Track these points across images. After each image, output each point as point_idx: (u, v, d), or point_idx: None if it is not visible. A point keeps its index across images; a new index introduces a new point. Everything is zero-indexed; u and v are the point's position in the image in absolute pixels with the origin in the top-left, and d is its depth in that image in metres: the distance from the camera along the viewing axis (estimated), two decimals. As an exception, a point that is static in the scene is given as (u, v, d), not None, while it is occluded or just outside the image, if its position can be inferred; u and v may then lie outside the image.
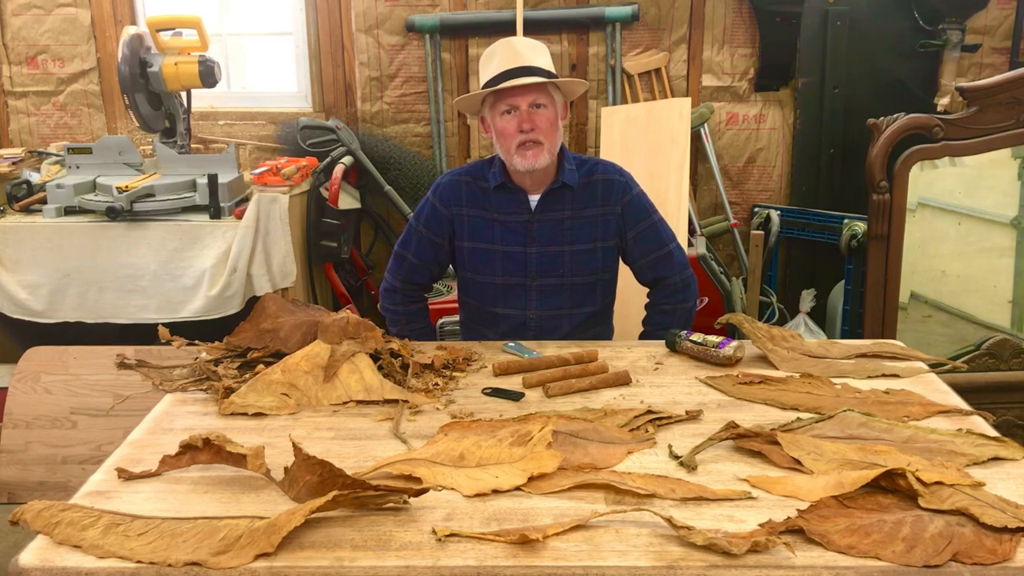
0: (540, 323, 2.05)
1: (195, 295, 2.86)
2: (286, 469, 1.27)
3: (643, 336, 2.13)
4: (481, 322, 2.12)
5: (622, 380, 1.70)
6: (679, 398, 1.63)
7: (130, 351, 2.51)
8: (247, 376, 1.67)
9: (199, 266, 2.85)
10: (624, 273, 2.20)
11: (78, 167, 3.09)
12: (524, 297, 2.05)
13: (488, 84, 1.95)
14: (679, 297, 2.10)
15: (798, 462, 1.32)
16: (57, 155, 3.34)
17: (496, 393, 1.66)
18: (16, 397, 2.77)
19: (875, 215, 2.73)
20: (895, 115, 2.70)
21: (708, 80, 3.66)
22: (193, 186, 2.93)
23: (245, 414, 1.56)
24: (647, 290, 2.17)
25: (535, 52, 1.96)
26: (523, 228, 2.03)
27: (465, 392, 1.67)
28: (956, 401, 1.59)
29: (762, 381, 1.67)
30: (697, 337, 1.84)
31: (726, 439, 1.40)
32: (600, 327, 2.13)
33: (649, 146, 3.04)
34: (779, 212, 3.61)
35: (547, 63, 1.97)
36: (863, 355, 1.82)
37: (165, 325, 1.81)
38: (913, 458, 1.30)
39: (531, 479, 1.27)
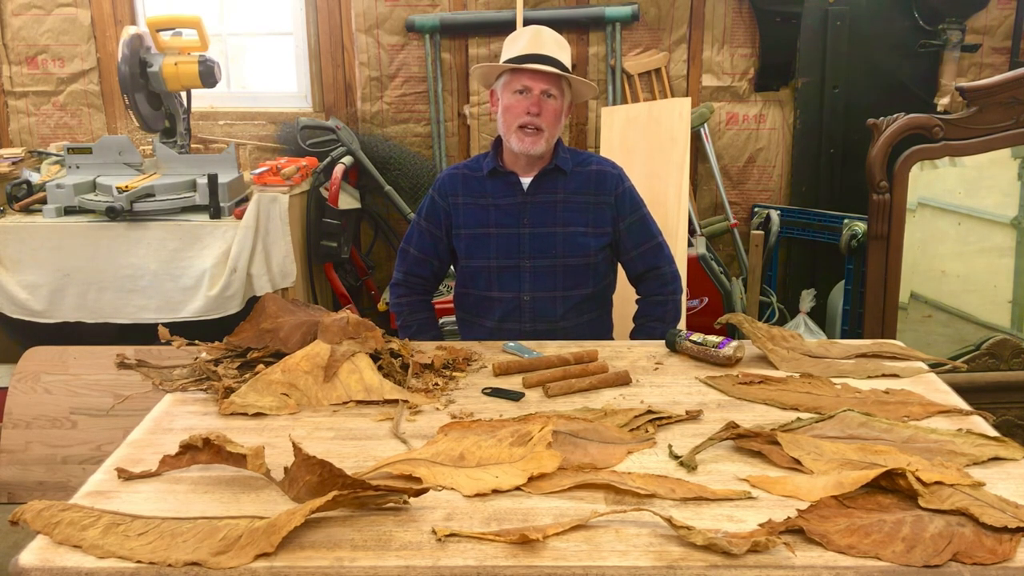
0: (534, 305, 2.09)
1: (195, 295, 2.86)
2: (286, 469, 1.27)
3: (636, 332, 2.16)
4: (477, 312, 2.14)
5: (622, 380, 1.70)
6: (679, 398, 1.63)
7: (130, 351, 2.51)
8: (247, 376, 1.67)
9: (199, 266, 2.85)
10: (623, 273, 2.21)
11: (78, 167, 3.09)
12: (518, 278, 2.09)
13: (510, 62, 2.02)
14: (669, 288, 2.16)
15: (798, 462, 1.32)
16: (57, 155, 3.34)
17: (496, 393, 1.66)
18: (16, 397, 2.78)
19: (875, 215, 2.73)
20: (895, 115, 2.71)
21: (708, 80, 3.66)
22: (193, 186, 2.93)
23: (245, 414, 1.56)
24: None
25: (559, 47, 2.06)
26: (517, 209, 2.09)
27: (465, 392, 1.67)
28: (956, 401, 1.59)
29: (762, 381, 1.67)
30: (697, 337, 1.84)
31: (726, 439, 1.40)
32: (595, 312, 2.15)
33: (649, 146, 3.04)
34: (779, 212, 3.61)
35: (567, 61, 2.06)
36: (863, 355, 1.82)
37: (165, 325, 1.81)
38: (913, 458, 1.30)
39: (531, 479, 1.27)
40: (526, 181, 2.10)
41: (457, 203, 2.12)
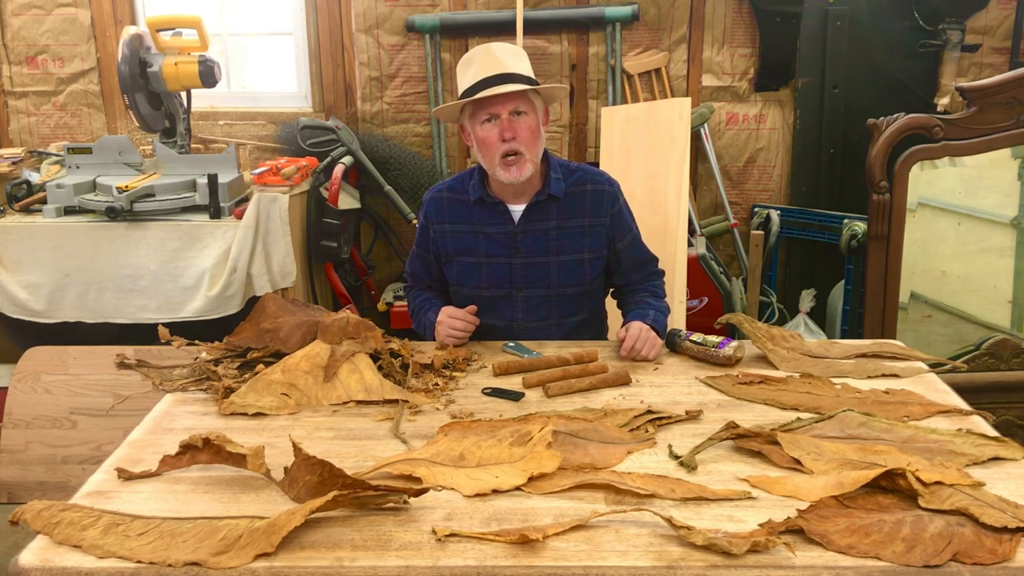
0: (528, 334, 2.03)
1: (195, 295, 2.86)
2: (286, 469, 1.27)
3: (627, 305, 2.09)
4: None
5: (622, 380, 1.70)
6: (679, 398, 1.63)
7: (130, 351, 2.51)
8: (247, 376, 1.67)
9: (199, 266, 2.85)
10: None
11: (78, 167, 3.09)
12: (510, 308, 2.03)
13: (466, 92, 1.90)
14: (662, 290, 2.12)
15: (798, 462, 1.32)
16: (57, 155, 3.34)
17: (496, 393, 1.66)
18: (16, 397, 2.78)
19: (875, 215, 2.73)
20: (895, 115, 2.71)
21: (708, 80, 3.66)
22: (193, 186, 2.93)
23: (245, 414, 1.56)
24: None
25: (514, 58, 1.93)
26: (508, 239, 2.00)
27: (465, 392, 1.68)
28: (956, 401, 1.59)
29: (762, 381, 1.67)
30: (697, 337, 1.84)
31: (726, 439, 1.40)
32: (591, 332, 2.12)
33: (649, 146, 3.04)
34: (779, 212, 3.61)
35: (526, 68, 1.94)
36: (863, 355, 1.83)
37: (165, 325, 1.81)
38: (913, 458, 1.30)
39: (531, 479, 1.28)
40: (516, 210, 1.99)
41: (444, 230, 2.04)
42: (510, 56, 1.92)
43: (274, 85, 3.89)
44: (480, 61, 1.90)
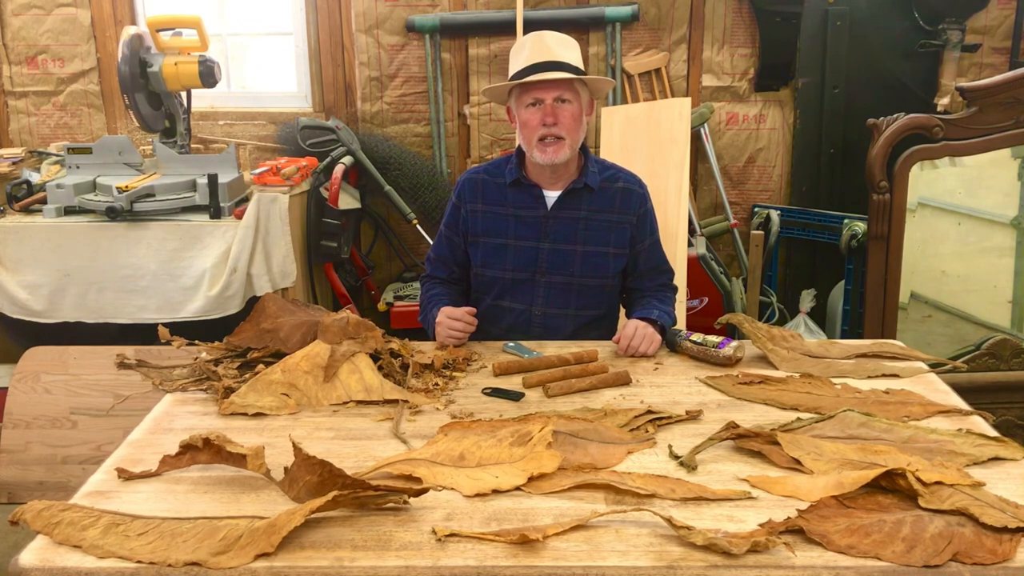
0: (545, 320, 2.06)
1: (195, 295, 2.86)
2: (286, 469, 1.27)
3: (632, 303, 2.11)
4: (486, 318, 2.12)
5: (622, 380, 1.70)
6: (679, 398, 1.63)
7: (130, 351, 2.50)
8: (247, 376, 1.67)
9: (199, 266, 2.85)
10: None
11: (78, 167, 3.09)
12: (531, 292, 2.06)
13: (515, 76, 1.98)
14: (672, 302, 2.13)
15: (798, 462, 1.32)
16: (57, 155, 3.34)
17: (496, 393, 1.66)
18: (16, 397, 2.77)
19: (875, 215, 2.73)
20: (895, 115, 2.71)
21: (708, 80, 3.66)
22: (193, 186, 2.93)
23: (245, 414, 1.56)
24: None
25: (564, 47, 2.00)
26: (538, 223, 2.05)
27: (465, 392, 1.68)
28: (956, 401, 1.59)
29: (762, 381, 1.67)
30: (697, 337, 1.84)
31: (726, 439, 1.40)
32: (603, 330, 2.13)
33: (649, 146, 3.04)
34: (779, 212, 3.62)
35: (575, 59, 2.00)
36: (863, 355, 1.83)
37: (165, 325, 1.81)
38: (913, 458, 1.30)
39: (531, 479, 1.28)
40: (550, 196, 2.05)
41: (476, 210, 2.08)
42: (560, 45, 1.99)
43: (274, 85, 3.89)
44: (531, 47, 1.98)
